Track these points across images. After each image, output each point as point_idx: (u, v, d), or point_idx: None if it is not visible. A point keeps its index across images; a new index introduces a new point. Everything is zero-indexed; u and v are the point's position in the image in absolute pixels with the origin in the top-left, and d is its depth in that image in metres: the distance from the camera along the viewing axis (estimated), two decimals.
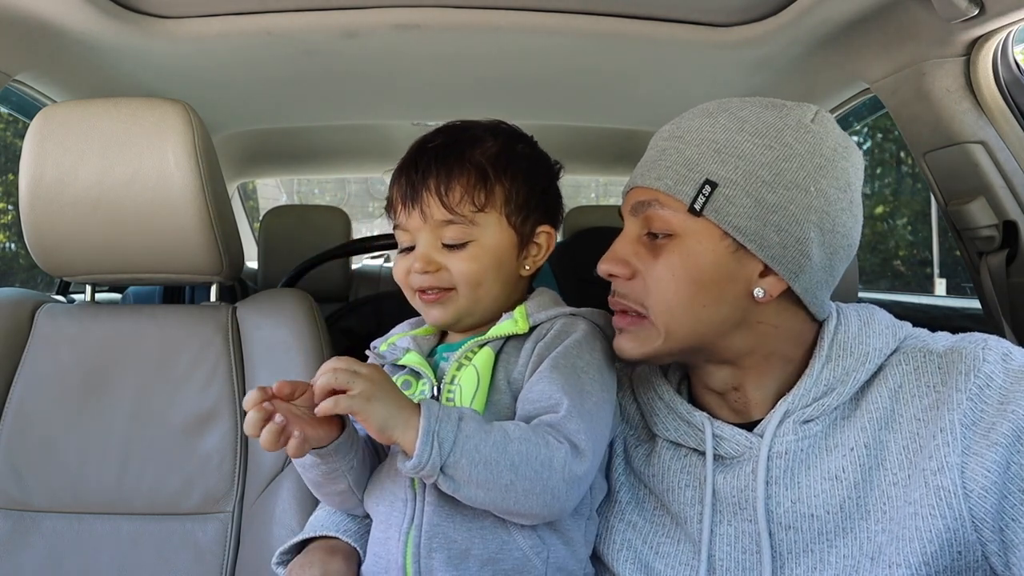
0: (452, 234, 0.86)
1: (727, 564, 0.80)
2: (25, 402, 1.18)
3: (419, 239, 0.87)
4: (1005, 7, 1.04)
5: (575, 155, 2.58)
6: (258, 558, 1.09)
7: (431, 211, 0.86)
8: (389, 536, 0.83)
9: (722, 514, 0.82)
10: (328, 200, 5.09)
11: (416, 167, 0.88)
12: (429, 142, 0.91)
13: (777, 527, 0.78)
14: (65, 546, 1.12)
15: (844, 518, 0.76)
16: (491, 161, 0.88)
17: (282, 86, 1.74)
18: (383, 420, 0.73)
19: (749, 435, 0.82)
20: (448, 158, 0.87)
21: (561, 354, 0.83)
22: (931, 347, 0.80)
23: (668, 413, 0.88)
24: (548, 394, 0.79)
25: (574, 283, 2.03)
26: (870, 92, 1.44)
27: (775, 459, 0.79)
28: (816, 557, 0.77)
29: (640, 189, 0.83)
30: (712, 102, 0.84)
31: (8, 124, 2.83)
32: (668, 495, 0.85)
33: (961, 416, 0.73)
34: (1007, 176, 1.23)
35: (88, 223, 1.13)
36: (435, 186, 0.86)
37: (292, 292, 1.28)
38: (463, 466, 0.72)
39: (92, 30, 1.28)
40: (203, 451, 1.16)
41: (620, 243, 0.84)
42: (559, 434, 0.77)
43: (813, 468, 0.79)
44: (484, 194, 0.87)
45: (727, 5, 1.32)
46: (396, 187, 0.90)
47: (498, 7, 1.31)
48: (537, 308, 0.89)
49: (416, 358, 0.89)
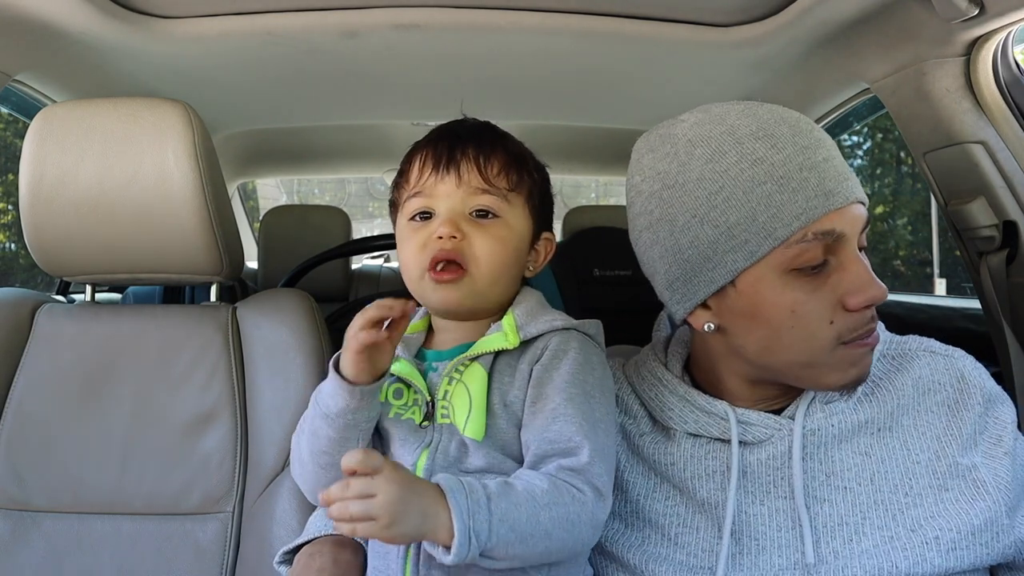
0: (486, 201, 0.84)
1: (763, 543, 0.81)
2: (25, 402, 1.18)
3: (445, 205, 0.84)
4: (1005, 7, 1.04)
5: (575, 155, 2.59)
6: (258, 558, 1.09)
7: (468, 176, 0.84)
8: (388, 550, 0.82)
9: (754, 494, 0.82)
10: (328, 200, 5.10)
11: (456, 135, 0.86)
12: (461, 123, 0.90)
13: (812, 501, 0.80)
14: (65, 546, 1.12)
15: (875, 490, 0.80)
16: (522, 151, 0.90)
17: (282, 86, 1.74)
18: (413, 533, 0.69)
19: (778, 419, 0.83)
20: (488, 135, 0.88)
21: (567, 380, 0.81)
22: (933, 349, 0.89)
23: (684, 406, 0.87)
24: (568, 436, 0.78)
25: (574, 283, 2.04)
26: (870, 92, 1.44)
27: (808, 436, 0.82)
28: (852, 528, 0.79)
29: (862, 204, 0.80)
30: (748, 103, 0.83)
31: (8, 124, 2.83)
32: (693, 482, 0.85)
33: (979, 427, 0.83)
34: (1007, 176, 1.23)
35: (88, 223, 1.13)
36: (475, 155, 0.84)
37: (292, 292, 1.28)
38: (501, 548, 0.71)
39: (92, 30, 1.28)
40: (203, 451, 1.16)
41: (861, 265, 0.79)
42: (582, 480, 0.76)
43: (844, 443, 0.82)
44: (517, 175, 0.86)
45: (727, 5, 1.32)
46: (425, 154, 0.86)
47: (498, 7, 1.31)
48: (526, 318, 0.86)
49: (407, 368, 0.86)
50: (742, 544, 0.81)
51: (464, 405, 0.82)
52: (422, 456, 0.82)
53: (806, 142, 0.78)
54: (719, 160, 0.78)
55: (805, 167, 0.76)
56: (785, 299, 0.77)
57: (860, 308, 0.76)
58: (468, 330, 0.88)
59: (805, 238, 0.75)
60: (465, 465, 0.82)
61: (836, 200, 0.76)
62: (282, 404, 1.16)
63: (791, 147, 0.77)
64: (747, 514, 0.82)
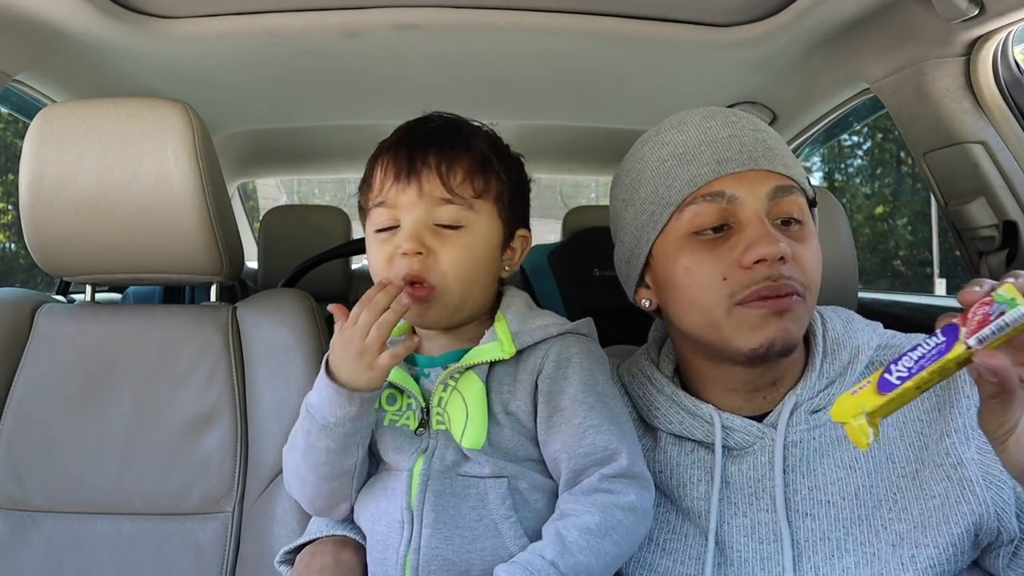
0: (448, 214, 0.81)
1: (745, 555, 0.80)
2: (25, 402, 1.18)
3: (408, 217, 0.81)
4: (1005, 7, 1.05)
5: (575, 155, 2.59)
6: (258, 558, 1.09)
7: (430, 188, 0.81)
8: (387, 557, 0.82)
9: (737, 505, 0.82)
10: (328, 200, 5.09)
11: (415, 142, 0.83)
12: (426, 122, 0.87)
13: (795, 515, 0.79)
14: (65, 546, 1.12)
15: (859, 505, 0.78)
16: (491, 149, 0.86)
17: (282, 86, 1.74)
18: None
19: (761, 426, 0.83)
20: (451, 138, 0.84)
21: (581, 390, 0.81)
22: None
23: (670, 406, 0.87)
24: (603, 446, 0.78)
25: (573, 283, 2.03)
26: (870, 92, 1.44)
27: (790, 448, 0.81)
28: (834, 544, 0.78)
29: (774, 174, 0.82)
30: (709, 107, 0.89)
31: (8, 124, 2.83)
32: (679, 490, 0.85)
33: (970, 420, 0.79)
34: (1007, 176, 1.23)
35: (88, 223, 1.13)
36: (436, 163, 0.81)
37: (292, 292, 1.28)
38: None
39: (92, 30, 1.28)
40: (203, 451, 1.16)
41: (760, 225, 0.79)
42: (626, 483, 0.78)
43: (827, 457, 0.81)
44: (483, 181, 0.83)
45: (727, 5, 1.32)
46: (386, 161, 0.83)
47: (498, 7, 1.31)
48: (519, 324, 0.84)
49: (399, 373, 0.84)
50: (727, 555, 0.81)
51: (460, 414, 0.81)
52: (418, 462, 0.82)
53: (713, 124, 0.84)
54: (641, 150, 0.89)
55: (704, 143, 0.83)
56: (683, 260, 0.82)
57: (751, 264, 0.77)
58: (456, 335, 0.87)
59: (695, 201, 0.81)
60: (463, 470, 0.81)
61: (728, 166, 0.81)
62: (282, 404, 1.16)
63: (695, 129, 0.85)
64: (731, 525, 0.82)
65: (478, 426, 0.80)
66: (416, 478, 0.81)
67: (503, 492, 0.80)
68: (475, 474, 0.81)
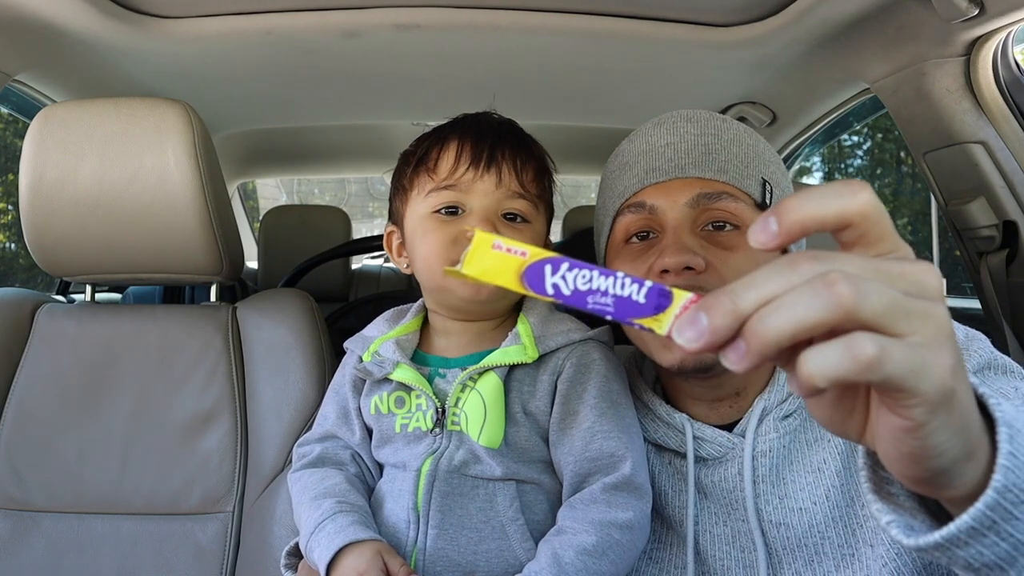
0: (520, 206, 0.84)
1: (727, 563, 0.80)
2: (25, 402, 1.18)
3: (481, 204, 0.82)
4: (1005, 7, 1.05)
5: (575, 155, 2.59)
6: (258, 558, 1.09)
7: (508, 179, 0.83)
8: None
9: (716, 515, 0.82)
10: (328, 200, 5.09)
11: (493, 134, 0.85)
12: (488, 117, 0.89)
13: (769, 525, 0.79)
14: (65, 546, 1.12)
15: (831, 507, 0.77)
16: (547, 158, 0.91)
17: (282, 86, 1.74)
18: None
19: (730, 436, 0.82)
20: (521, 138, 0.87)
21: (596, 396, 0.81)
22: None
23: (647, 414, 0.87)
24: (609, 452, 0.79)
25: None
26: (870, 92, 1.44)
27: (759, 458, 0.80)
28: (811, 550, 0.77)
29: (702, 180, 0.81)
30: (690, 110, 0.89)
31: (8, 124, 2.83)
32: (660, 499, 0.85)
33: None
34: (1007, 176, 1.23)
35: (88, 223, 1.13)
36: (513, 157, 0.84)
37: (292, 292, 1.28)
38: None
39: (92, 30, 1.28)
40: (203, 451, 1.16)
41: (679, 234, 0.79)
42: (627, 493, 0.77)
43: (796, 463, 0.79)
44: (544, 184, 0.88)
45: (727, 5, 1.32)
46: (460, 146, 0.84)
47: (498, 7, 1.31)
48: (542, 328, 0.85)
49: (410, 374, 0.84)
50: (708, 564, 0.81)
51: (478, 413, 0.81)
52: (426, 463, 0.82)
53: (659, 133, 0.86)
54: (608, 161, 0.92)
55: (642, 152, 0.85)
56: (614, 266, 0.84)
57: (659, 274, 0.77)
58: (474, 335, 0.87)
59: (623, 212, 0.84)
60: (473, 471, 0.81)
61: (653, 176, 0.83)
62: (282, 404, 1.16)
63: (642, 138, 0.87)
64: (711, 534, 0.81)
65: (496, 425, 0.80)
66: (423, 478, 0.81)
67: (512, 494, 0.80)
68: (485, 475, 0.80)
